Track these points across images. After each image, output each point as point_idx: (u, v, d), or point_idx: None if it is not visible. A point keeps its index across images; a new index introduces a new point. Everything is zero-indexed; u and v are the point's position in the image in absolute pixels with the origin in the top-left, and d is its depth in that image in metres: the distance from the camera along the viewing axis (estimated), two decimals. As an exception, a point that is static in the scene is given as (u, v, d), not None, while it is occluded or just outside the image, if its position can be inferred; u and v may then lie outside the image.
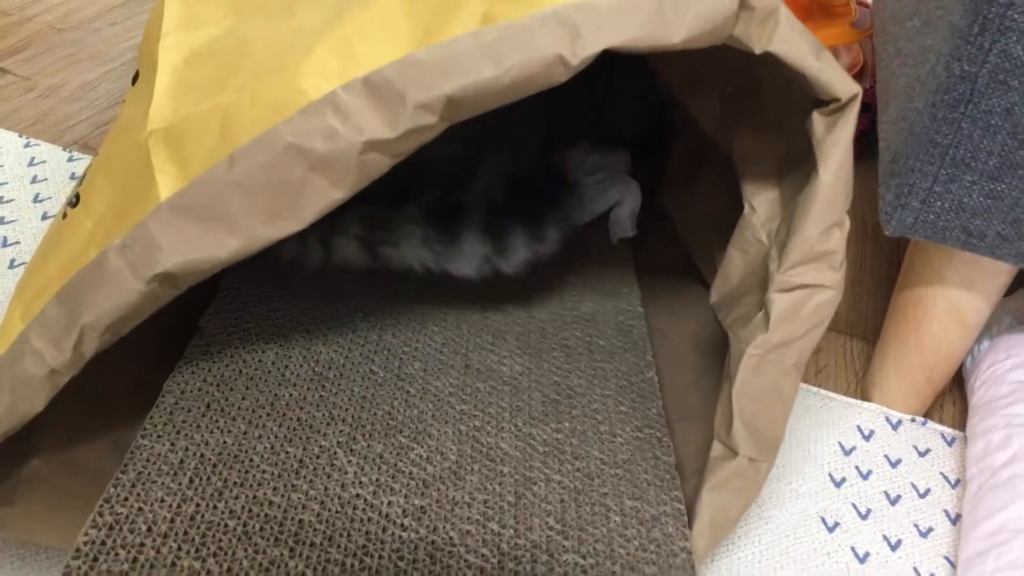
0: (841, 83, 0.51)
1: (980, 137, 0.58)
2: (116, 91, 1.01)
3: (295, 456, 0.54)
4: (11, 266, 0.75)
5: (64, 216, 0.57)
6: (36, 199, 0.83)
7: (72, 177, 0.86)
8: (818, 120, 0.53)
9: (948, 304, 0.70)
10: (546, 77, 0.45)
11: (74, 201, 0.56)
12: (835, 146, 0.53)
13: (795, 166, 0.58)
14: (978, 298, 0.69)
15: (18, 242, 0.78)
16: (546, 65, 0.44)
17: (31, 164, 0.87)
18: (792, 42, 0.50)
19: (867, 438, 0.73)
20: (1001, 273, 0.68)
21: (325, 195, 0.44)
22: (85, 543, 0.46)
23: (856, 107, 0.53)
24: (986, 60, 0.56)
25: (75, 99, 0.99)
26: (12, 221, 0.80)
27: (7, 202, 0.82)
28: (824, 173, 0.52)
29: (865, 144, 1.10)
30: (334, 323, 0.67)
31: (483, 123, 0.49)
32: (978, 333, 0.72)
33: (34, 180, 0.85)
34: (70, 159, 0.89)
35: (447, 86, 0.43)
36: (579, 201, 0.83)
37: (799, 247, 0.53)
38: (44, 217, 0.81)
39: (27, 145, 0.90)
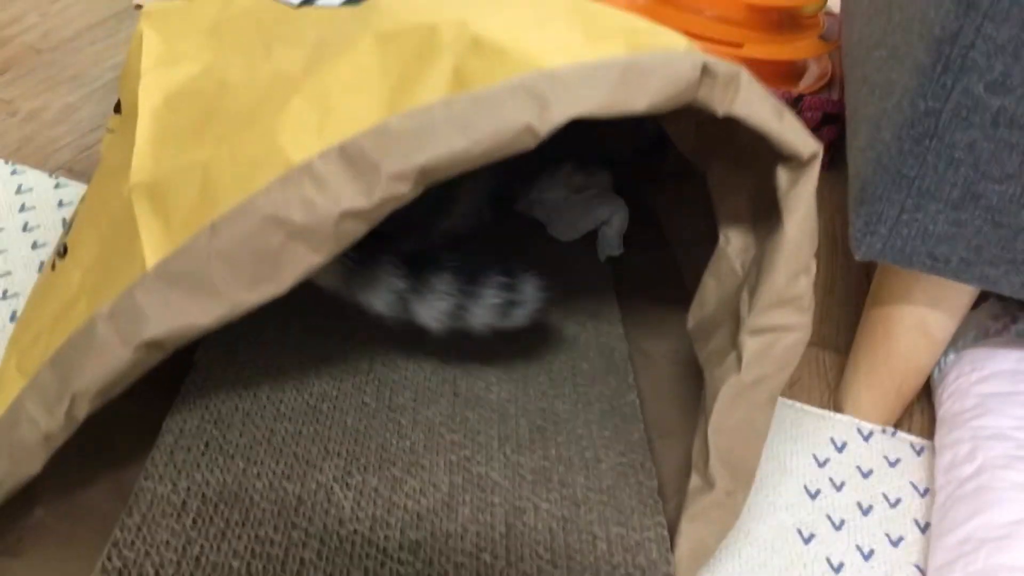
0: (802, 143, 0.54)
1: (944, 169, 0.61)
2: (99, 114, 1.02)
3: (293, 493, 0.56)
4: (4, 296, 0.77)
5: (53, 267, 0.58)
6: (25, 228, 0.84)
7: (60, 204, 0.87)
8: (782, 174, 0.56)
9: (916, 321, 0.73)
10: (514, 145, 0.46)
11: (62, 251, 0.58)
12: (798, 200, 0.55)
13: (767, 201, 0.60)
14: (944, 315, 0.72)
15: (9, 272, 0.79)
16: (515, 134, 0.46)
17: (18, 192, 0.88)
18: (754, 106, 0.52)
19: (840, 450, 0.76)
20: (965, 292, 0.71)
21: (304, 260, 0.45)
22: (96, 589, 0.48)
23: (817, 164, 0.55)
24: (949, 97, 0.59)
25: (58, 123, 0.99)
26: (2, 251, 0.81)
27: (-3, 232, 0.83)
28: (789, 226, 0.55)
29: (835, 154, 1.13)
30: (325, 353, 0.69)
31: None
32: (944, 347, 0.75)
33: (22, 208, 0.86)
34: (57, 186, 0.90)
35: (420, 157, 0.45)
36: (566, 220, 0.86)
37: (767, 293, 0.56)
38: (34, 246, 0.82)
39: (14, 172, 0.91)
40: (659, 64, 0.49)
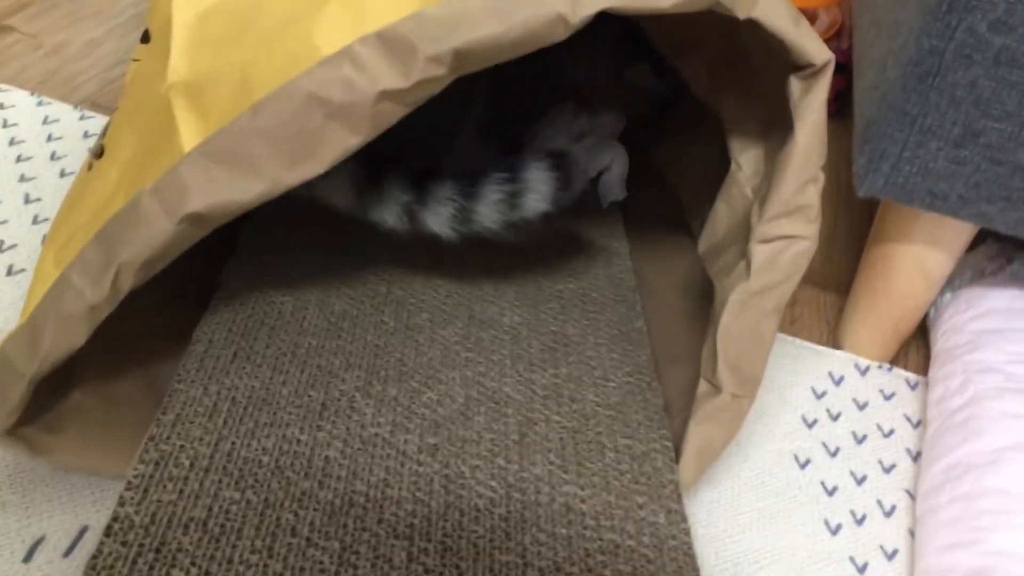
0: (816, 50, 0.56)
1: (946, 107, 0.63)
2: (121, 49, 1.04)
3: (317, 399, 0.59)
4: (35, 222, 0.79)
5: (90, 167, 0.60)
6: (53, 157, 0.87)
7: (85, 135, 0.90)
8: (795, 84, 0.58)
9: (914, 259, 0.75)
10: (547, 35, 0.48)
11: (99, 152, 0.60)
12: (809, 108, 0.57)
13: (777, 127, 0.62)
14: (942, 254, 0.75)
15: (40, 199, 0.82)
16: (548, 23, 0.48)
17: (45, 122, 0.91)
18: (773, 10, 0.54)
19: (837, 383, 0.79)
20: (963, 231, 0.73)
21: (343, 141, 0.47)
22: (135, 476, 0.51)
23: (829, 72, 0.57)
24: (953, 36, 0.61)
25: (81, 57, 1.02)
26: (32, 178, 0.84)
27: (25, 160, 0.86)
28: (800, 133, 0.57)
29: (841, 104, 1.15)
30: (345, 276, 0.72)
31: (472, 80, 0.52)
32: (941, 286, 0.78)
33: (49, 138, 0.89)
34: (81, 118, 0.92)
35: (455, 40, 0.47)
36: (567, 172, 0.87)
37: (777, 202, 0.58)
38: (62, 174, 0.85)
39: (40, 104, 0.93)
40: None
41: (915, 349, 0.84)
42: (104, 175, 0.55)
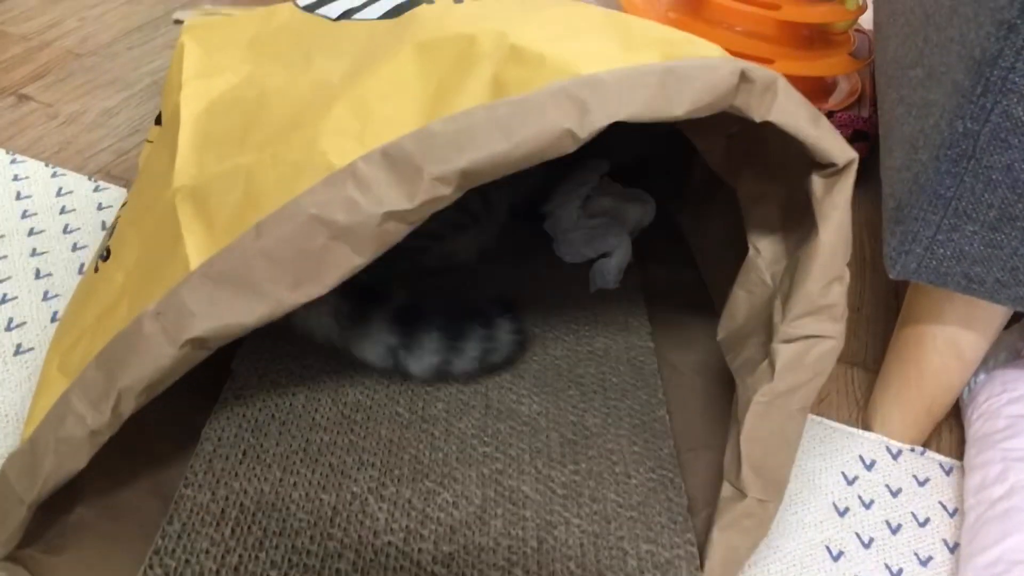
0: (838, 150, 0.54)
1: (982, 191, 0.61)
2: (136, 118, 1.03)
3: (329, 503, 0.57)
4: (45, 298, 0.78)
5: (96, 269, 0.60)
6: (66, 230, 0.86)
7: (99, 207, 0.89)
8: (817, 181, 0.56)
9: (947, 341, 0.73)
10: (555, 149, 0.47)
11: (105, 255, 0.59)
12: (834, 208, 0.56)
13: (798, 212, 0.60)
14: (976, 336, 0.72)
15: (51, 274, 0.80)
16: (555, 138, 0.46)
17: (59, 194, 0.90)
18: (791, 112, 0.52)
19: (869, 468, 0.76)
20: (998, 313, 0.71)
21: (347, 262, 0.46)
22: (139, 595, 0.49)
23: (853, 171, 0.56)
24: (988, 119, 0.59)
25: (97, 126, 1.01)
26: (44, 252, 0.83)
27: (38, 233, 0.85)
28: (824, 233, 0.55)
29: (864, 171, 1.13)
30: (359, 363, 0.70)
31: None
32: (976, 367, 0.75)
33: (63, 211, 0.88)
34: (96, 189, 0.91)
35: (462, 160, 0.45)
36: (571, 242, 0.86)
37: (801, 301, 0.56)
38: (74, 248, 0.83)
39: (54, 175, 0.92)
40: (698, 70, 0.50)
41: (948, 430, 0.81)
42: (110, 278, 0.54)
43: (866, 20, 1.22)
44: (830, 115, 1.09)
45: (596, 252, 0.86)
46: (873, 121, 1.08)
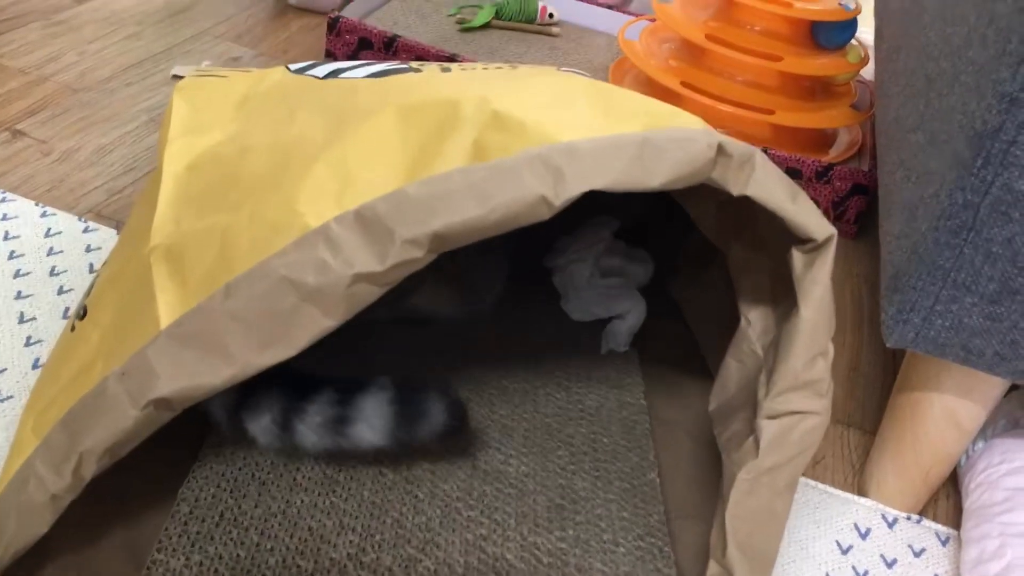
0: (816, 225, 0.54)
1: (981, 263, 0.60)
2: (131, 156, 1.03)
3: (306, 570, 0.55)
4: (27, 343, 0.76)
5: (72, 328, 0.59)
6: (52, 272, 0.84)
7: (88, 249, 0.88)
8: (797, 257, 0.56)
9: (945, 409, 0.72)
10: (530, 216, 0.47)
11: (82, 314, 0.58)
12: (814, 284, 0.55)
13: (786, 284, 0.59)
14: (974, 405, 0.71)
15: (35, 318, 0.79)
16: (530, 205, 0.46)
17: (47, 235, 0.89)
18: (768, 187, 0.52)
19: (864, 536, 0.74)
20: (997, 383, 0.69)
21: (316, 324, 0.45)
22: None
23: (832, 246, 0.55)
24: (989, 192, 0.58)
25: (90, 164, 1.00)
26: (29, 296, 0.81)
27: (24, 275, 0.83)
28: (805, 309, 0.55)
29: (863, 225, 1.12)
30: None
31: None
32: (973, 436, 0.74)
33: (50, 252, 0.87)
34: (85, 230, 0.90)
35: (435, 223, 0.45)
36: (583, 300, 0.84)
37: (785, 377, 0.55)
38: (60, 291, 0.82)
39: (44, 215, 0.91)
40: (675, 142, 0.50)
41: (944, 496, 0.80)
42: (85, 338, 0.53)
43: (868, 72, 1.22)
44: (830, 168, 1.09)
45: (609, 313, 0.85)
46: (873, 175, 1.07)
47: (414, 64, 0.71)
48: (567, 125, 0.51)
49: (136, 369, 0.45)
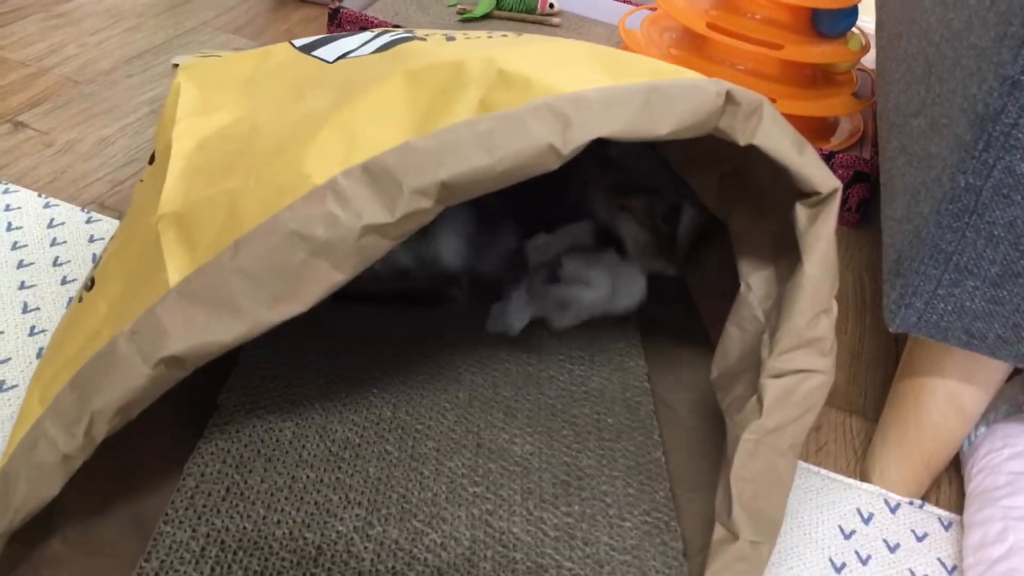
0: (822, 178, 0.54)
1: (983, 246, 0.60)
2: (133, 147, 1.03)
3: (313, 542, 0.56)
4: (31, 333, 0.77)
5: (80, 300, 0.58)
6: (56, 263, 0.84)
7: (91, 240, 0.88)
8: (801, 211, 0.55)
9: (948, 395, 0.72)
10: (538, 165, 0.47)
11: (89, 285, 0.58)
12: (818, 238, 0.55)
13: (787, 247, 0.60)
14: (977, 390, 0.71)
15: (38, 308, 0.79)
16: (538, 154, 0.46)
17: (50, 226, 0.89)
18: (775, 136, 0.52)
19: (866, 521, 0.74)
20: (1000, 367, 0.70)
21: (326, 278, 0.45)
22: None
23: (836, 200, 0.55)
24: (991, 175, 0.58)
25: (92, 156, 1.00)
26: (32, 286, 0.81)
27: (27, 266, 0.83)
28: (808, 265, 0.55)
29: (865, 213, 1.13)
30: (349, 399, 0.69)
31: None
32: (976, 421, 0.74)
33: (53, 243, 0.87)
34: (88, 220, 0.90)
35: (442, 173, 0.45)
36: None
37: (788, 335, 0.55)
38: (63, 282, 0.82)
39: (46, 206, 0.91)
40: (683, 90, 0.49)
41: (947, 482, 0.80)
42: (93, 308, 0.53)
43: (869, 59, 1.22)
44: (832, 156, 1.09)
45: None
46: (875, 163, 1.08)
47: (419, 32, 0.70)
48: (572, 81, 0.51)
49: (146, 327, 0.45)
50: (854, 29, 1.20)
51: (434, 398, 0.71)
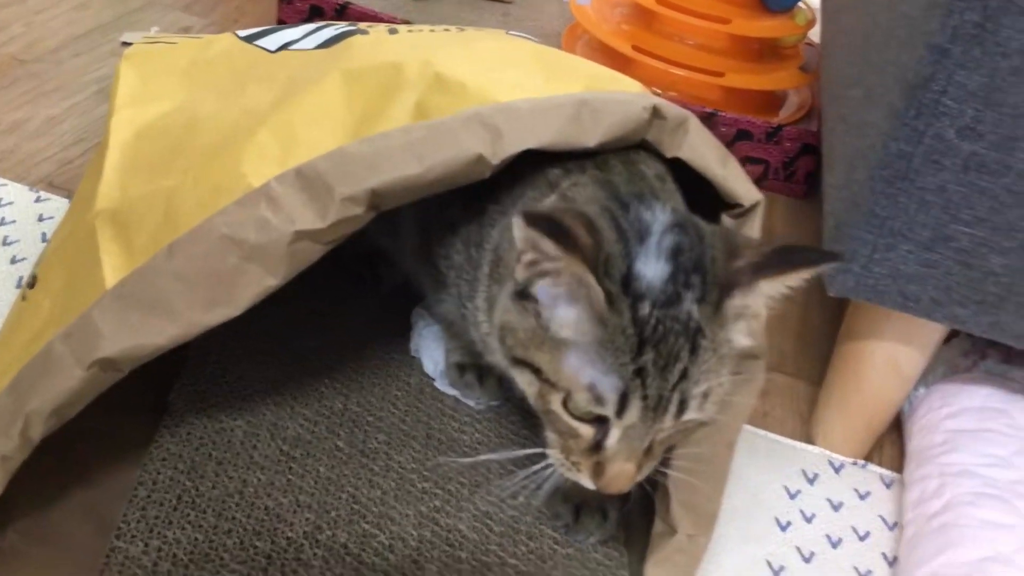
0: (744, 191, 0.55)
1: (916, 211, 0.62)
2: (81, 126, 1.02)
3: (263, 551, 0.57)
4: (-21, 315, 0.76)
5: (24, 298, 0.59)
6: (4, 242, 0.84)
7: (40, 219, 0.87)
8: (726, 222, 0.57)
9: (886, 357, 0.74)
10: (468, 174, 0.48)
11: (32, 283, 0.59)
12: None
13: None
14: (915, 351, 0.73)
15: (-12, 289, 0.79)
16: (467, 163, 0.47)
17: (-1, 206, 0.88)
18: (700, 151, 0.54)
19: (811, 482, 0.76)
20: (936, 329, 0.71)
21: (259, 282, 0.46)
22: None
23: (759, 212, 0.57)
24: (921, 141, 0.60)
25: (40, 135, 0.99)
26: (-20, 266, 0.81)
27: (-24, 246, 0.83)
28: None
29: (812, 184, 1.14)
30: (300, 392, 0.70)
31: None
32: (915, 382, 0.76)
33: (2, 222, 0.86)
34: (37, 199, 0.89)
35: (373, 180, 0.46)
36: None
37: None
38: (13, 261, 0.82)
39: (-6, 187, 0.90)
40: (612, 103, 0.51)
41: (890, 443, 0.82)
42: (36, 306, 0.53)
43: (816, 34, 1.24)
44: (780, 128, 1.10)
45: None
46: (821, 136, 1.09)
47: (362, 26, 0.71)
48: (508, 87, 0.52)
49: (81, 330, 0.45)
50: (800, 4, 1.21)
51: (385, 386, 0.72)
